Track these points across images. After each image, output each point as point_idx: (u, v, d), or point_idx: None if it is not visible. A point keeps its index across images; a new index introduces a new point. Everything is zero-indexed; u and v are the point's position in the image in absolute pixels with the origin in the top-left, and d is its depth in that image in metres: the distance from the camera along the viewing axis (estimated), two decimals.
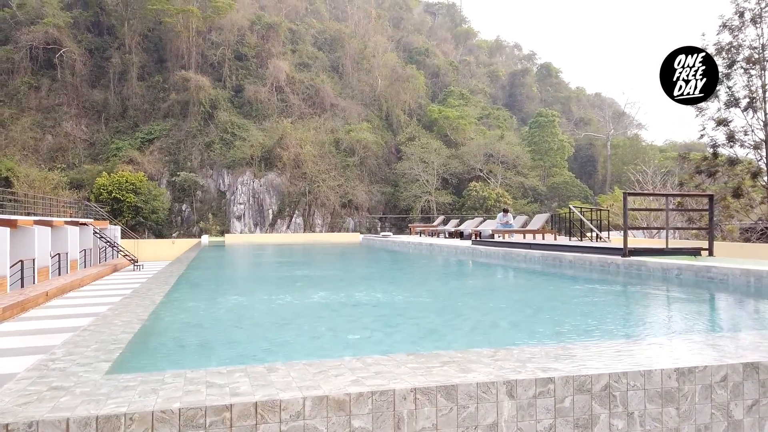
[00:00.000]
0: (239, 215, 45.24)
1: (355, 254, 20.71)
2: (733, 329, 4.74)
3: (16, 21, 47.52)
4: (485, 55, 79.39)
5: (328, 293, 8.13)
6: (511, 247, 12.84)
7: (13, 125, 44.02)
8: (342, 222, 46.82)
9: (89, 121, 47.86)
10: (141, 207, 40.42)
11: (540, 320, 5.30)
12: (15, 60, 46.18)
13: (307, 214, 46.59)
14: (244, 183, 46.00)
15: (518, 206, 48.41)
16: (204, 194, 46.13)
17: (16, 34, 46.51)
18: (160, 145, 47.20)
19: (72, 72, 47.55)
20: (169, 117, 48.85)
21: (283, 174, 46.79)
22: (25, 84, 46.21)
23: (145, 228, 41.67)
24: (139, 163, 44.23)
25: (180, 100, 48.60)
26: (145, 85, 50.09)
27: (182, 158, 46.81)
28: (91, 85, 49.12)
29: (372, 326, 4.87)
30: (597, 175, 63.06)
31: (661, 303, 6.61)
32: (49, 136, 45.56)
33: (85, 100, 48.10)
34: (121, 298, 6.16)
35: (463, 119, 54.76)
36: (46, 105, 46.57)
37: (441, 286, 9.07)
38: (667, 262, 8.61)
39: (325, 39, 62.27)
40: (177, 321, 5.48)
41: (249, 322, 5.33)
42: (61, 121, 46.33)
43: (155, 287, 7.23)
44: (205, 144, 47.60)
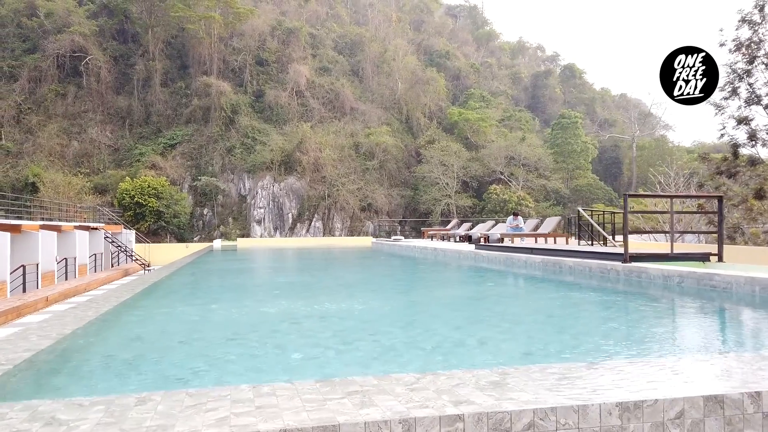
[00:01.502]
0: (259, 219, 45.50)
1: (356, 259, 20.53)
2: (716, 350, 4.35)
3: (43, 30, 48.72)
4: (507, 57, 78.58)
5: (301, 303, 7.89)
6: (512, 252, 12.49)
7: (41, 132, 45.11)
8: (361, 226, 46.71)
9: (114, 127, 48.75)
10: (163, 211, 40.93)
11: (512, 337, 4.97)
12: (42, 68, 47.34)
13: (327, 218, 46.62)
14: (264, 187, 46.28)
15: (540, 209, 47.65)
16: (225, 198, 46.53)
17: (44, 42, 47.68)
18: (182, 150, 47.81)
19: (97, 79, 48.55)
20: (191, 122, 49.47)
21: (303, 178, 46.93)
22: (52, 91, 47.32)
23: (166, 232, 42.20)
24: (162, 168, 44.85)
25: (202, 105, 49.20)
26: (168, 91, 50.85)
27: (204, 163, 47.34)
28: (116, 91, 50.05)
29: (327, 343, 4.61)
30: (622, 177, 61.73)
31: (650, 316, 6.19)
32: (75, 142, 46.53)
33: (109, 107, 49.02)
34: (69, 307, 6.10)
35: (484, 121, 54.20)
36: (72, 112, 47.59)
37: (424, 295, 8.76)
38: (669, 268, 8.18)
39: (345, 43, 62.40)
40: (112, 335, 5.27)
41: (197, 336, 5.16)
42: (86, 127, 47.27)
43: (115, 296, 7.14)
44: (226, 149, 48.06)
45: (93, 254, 21.00)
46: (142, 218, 40.43)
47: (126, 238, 27.34)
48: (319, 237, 44.40)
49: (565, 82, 75.30)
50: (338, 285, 11.08)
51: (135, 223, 40.30)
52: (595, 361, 3.49)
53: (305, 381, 2.77)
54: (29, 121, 45.49)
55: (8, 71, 47.07)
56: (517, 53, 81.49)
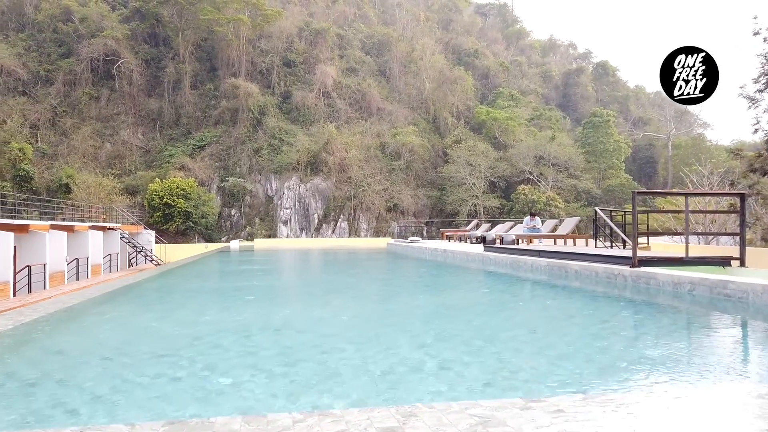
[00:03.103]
0: (285, 220, 45.73)
1: (361, 261, 20.22)
2: (709, 381, 3.85)
3: (78, 35, 49.99)
4: (538, 55, 77.28)
5: (267, 311, 7.58)
6: (519, 254, 12.06)
7: (75, 134, 46.30)
8: (387, 227, 46.50)
9: (145, 129, 49.70)
10: (191, 212, 41.43)
11: (480, 360, 4.42)
12: (77, 72, 48.60)
13: (352, 219, 46.56)
14: (290, 188, 46.50)
15: (570, 210, 46.56)
16: (252, 199, 46.91)
17: (78, 47, 48.93)
18: (211, 151, 48.42)
19: (129, 82, 49.59)
20: (220, 124, 50.08)
21: (329, 178, 46.99)
22: (86, 94, 48.52)
23: (195, 232, 42.76)
24: (191, 169, 45.49)
25: (230, 107, 49.76)
26: (198, 94, 51.59)
27: (231, 164, 47.85)
28: (147, 94, 51.03)
29: (265, 364, 4.17)
30: (657, 177, 59.98)
31: (649, 333, 5.59)
32: (108, 144, 47.59)
33: (141, 109, 50.00)
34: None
35: (513, 120, 53.34)
36: (105, 114, 48.70)
37: (405, 303, 8.32)
38: (680, 274, 7.66)
39: (372, 43, 62.31)
40: (34, 346, 5.11)
41: (129, 350, 4.87)
42: (118, 129, 48.31)
43: (79, 297, 7.07)
44: (253, 150, 48.47)
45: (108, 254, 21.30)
46: (170, 219, 41.02)
47: (146, 238, 27.72)
48: (344, 237, 44.36)
49: (597, 80, 73.64)
50: (320, 290, 10.75)
51: (164, 223, 40.96)
52: (542, 397, 3.10)
53: (154, 422, 2.52)
54: (64, 123, 46.74)
55: (44, 75, 48.47)
56: (547, 51, 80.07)
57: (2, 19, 51.38)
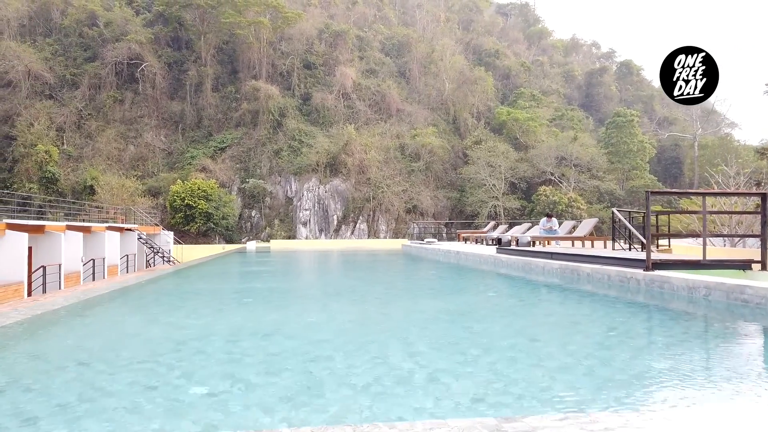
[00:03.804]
0: (305, 221, 45.88)
1: (372, 263, 20.03)
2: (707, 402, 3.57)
3: (103, 39, 50.88)
4: (560, 55, 76.32)
5: (261, 314, 7.43)
6: (531, 257, 11.81)
7: (99, 136, 47.12)
8: (406, 228, 46.33)
9: (167, 132, 50.34)
10: (212, 213, 41.81)
11: (473, 371, 4.04)
12: (102, 75, 49.48)
13: (372, 220, 46.51)
14: (309, 189, 46.64)
15: (593, 211, 45.80)
16: (272, 200, 47.18)
17: (103, 51, 49.80)
18: (232, 153, 48.84)
19: (152, 85, 50.30)
20: (241, 126, 50.50)
21: (348, 180, 47.01)
22: (111, 98, 49.34)
23: (215, 233, 43.14)
24: (212, 171, 45.92)
25: (251, 109, 50.13)
26: (219, 96, 52.08)
27: (252, 165, 48.19)
28: (170, 97, 51.69)
29: (246, 373, 3.91)
30: (683, 178, 58.71)
31: (657, 344, 5.32)
32: (131, 146, 48.34)
33: (163, 112, 50.68)
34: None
35: (534, 121, 52.74)
36: (128, 117, 49.46)
37: (406, 307, 8.02)
38: (695, 278, 7.36)
39: (392, 44, 62.24)
40: (17, 351, 5.06)
41: (108, 355, 4.76)
42: (142, 131, 49.03)
43: (73, 297, 7.06)
44: (273, 151, 48.76)
45: (125, 255, 21.58)
46: (192, 220, 41.46)
47: (164, 239, 28.02)
48: (363, 239, 44.34)
49: (621, 79, 72.46)
50: (321, 293, 10.61)
51: (185, 224, 41.43)
52: (518, 415, 2.90)
53: None
54: (89, 126, 47.60)
55: (70, 79, 49.45)
56: (570, 51, 79.05)
57: (30, 24, 52.55)
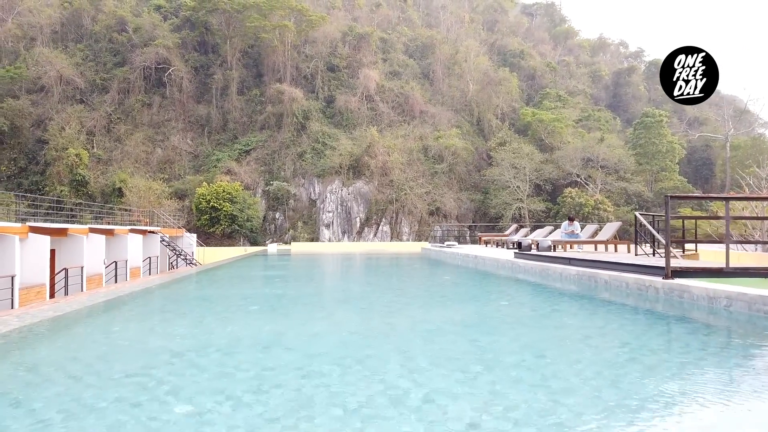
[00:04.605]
0: (328, 223, 46.00)
1: (389, 267, 19.81)
2: None
3: (131, 44, 51.90)
4: (587, 55, 75.17)
5: (263, 323, 7.27)
6: (549, 262, 11.55)
7: (128, 140, 48.04)
8: (429, 230, 46.09)
9: (194, 135, 51.07)
10: (237, 215, 42.23)
11: (472, 390, 3.80)
12: (130, 80, 50.47)
13: (394, 222, 46.41)
14: (332, 191, 46.77)
15: (620, 214, 44.90)
16: (296, 203, 47.43)
17: (131, 56, 50.79)
18: (256, 155, 49.28)
19: (179, 89, 51.09)
20: (265, 128, 50.94)
21: (371, 182, 47.00)
22: (139, 102, 50.29)
23: (240, 235, 43.55)
24: (237, 173, 46.41)
25: (275, 112, 50.54)
26: (244, 99, 52.64)
27: (276, 168, 48.55)
28: (196, 100, 52.44)
29: (235, 389, 3.77)
30: (714, 179, 57.20)
31: (666, 360, 5.07)
32: (159, 149, 49.14)
33: (190, 115, 51.43)
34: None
35: (559, 122, 51.97)
36: (156, 120, 50.33)
37: (413, 316, 7.75)
38: (716, 287, 7.05)
39: (416, 46, 62.09)
40: (12, 363, 5.04)
41: (100, 368, 4.67)
42: (169, 135, 49.83)
43: (75, 305, 7.08)
44: (297, 154, 49.05)
45: (147, 257, 21.90)
46: (217, 222, 41.94)
47: (186, 241, 28.37)
48: (385, 241, 44.28)
49: (650, 78, 70.90)
50: (329, 300, 10.46)
51: (210, 226, 41.94)
52: None
53: None
54: (118, 130, 48.57)
55: (100, 84, 50.55)
56: (597, 50, 77.78)
57: (62, 30, 53.89)
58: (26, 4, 53.95)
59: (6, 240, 13.58)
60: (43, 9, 53.49)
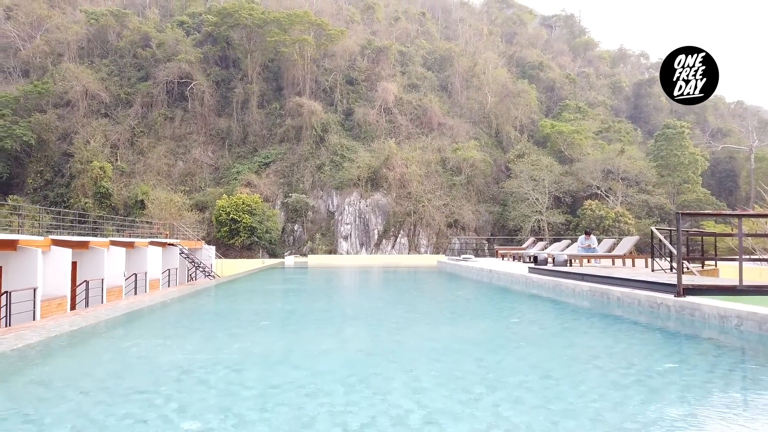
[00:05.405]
0: (346, 235, 46.17)
1: (403, 281, 19.74)
2: None
3: (155, 59, 53.03)
4: (607, 66, 74.68)
5: (273, 340, 7.19)
6: (562, 277, 11.47)
7: (151, 153, 48.93)
8: (447, 242, 45.99)
9: (214, 147, 51.83)
10: (256, 227, 42.62)
11: (473, 412, 3.88)
12: (153, 94, 51.49)
13: (412, 234, 46.40)
14: (351, 203, 46.97)
15: (641, 226, 44.29)
16: (314, 215, 47.73)
17: (155, 71, 51.88)
18: (276, 168, 49.79)
19: (201, 103, 51.97)
20: (285, 141, 51.47)
21: (389, 194, 47.12)
22: (162, 115, 51.24)
23: (259, 247, 43.92)
24: (256, 186, 46.92)
25: (294, 125, 51.09)
26: (264, 112, 53.33)
27: (295, 180, 48.96)
28: (217, 114, 53.27)
29: (239, 408, 3.60)
30: (738, 191, 56.19)
31: (672, 383, 4.96)
32: (180, 162, 49.94)
33: (211, 128, 52.23)
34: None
35: (579, 134, 51.63)
36: (178, 134, 51.20)
37: (421, 334, 7.66)
38: (727, 306, 6.96)
39: (434, 59, 62.36)
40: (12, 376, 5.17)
41: (107, 384, 4.73)
42: (190, 148, 50.64)
43: (91, 320, 7.23)
44: (316, 166, 49.43)
45: (167, 269, 22.24)
46: (236, 234, 42.36)
47: (205, 254, 28.72)
48: (402, 254, 44.27)
49: None
50: (340, 316, 10.35)
51: (230, 238, 42.38)
52: None
53: None
54: (141, 143, 49.50)
55: (125, 98, 51.66)
56: (617, 62, 77.24)
57: (89, 46, 55.28)
58: (54, 21, 55.58)
59: (29, 253, 13.95)
60: (71, 26, 55.00)
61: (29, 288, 13.45)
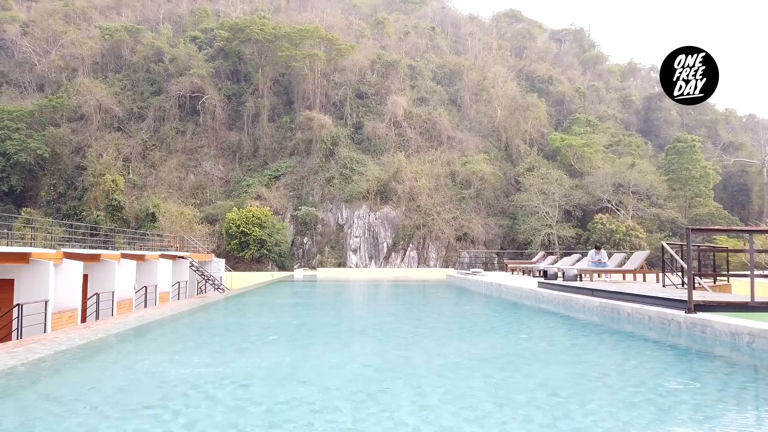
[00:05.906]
0: (355, 248, 46.18)
1: (411, 295, 19.66)
2: None
3: (167, 74, 53.74)
4: (617, 80, 74.66)
5: (281, 355, 7.16)
6: (572, 293, 11.39)
7: (162, 166, 49.41)
8: (457, 256, 45.85)
9: (225, 161, 52.25)
10: (265, 240, 42.77)
11: (481, 430, 4.08)
12: (166, 108, 52.13)
13: (422, 248, 46.33)
14: (360, 216, 47.04)
15: (653, 240, 43.96)
16: (324, 228, 47.84)
17: (167, 85, 52.56)
18: (286, 181, 50.06)
19: (212, 116, 52.51)
20: (295, 154, 51.80)
21: (398, 207, 47.15)
22: (173, 129, 51.81)
23: (268, 260, 44.04)
24: (266, 199, 47.16)
25: (304, 138, 51.44)
26: (275, 126, 53.76)
27: (305, 193, 49.17)
28: (228, 127, 53.78)
29: (246, 424, 3.59)
30: (751, 205, 55.71)
31: (682, 401, 4.88)
32: (192, 175, 50.38)
33: (222, 142, 52.70)
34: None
35: (589, 147, 51.51)
36: (189, 147, 51.70)
37: (429, 350, 7.56)
38: (737, 323, 6.89)
39: (444, 73, 62.67)
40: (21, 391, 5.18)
41: (116, 398, 4.76)
42: (201, 161, 51.10)
43: (101, 333, 7.22)
44: (325, 179, 49.65)
45: (177, 282, 22.35)
46: (246, 247, 42.53)
47: (215, 267, 28.82)
48: (412, 267, 44.17)
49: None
50: (348, 330, 10.27)
51: (240, 251, 42.55)
52: None
53: None
54: (153, 156, 50.03)
55: (137, 112, 52.34)
56: (627, 75, 77.20)
57: (102, 61, 56.17)
58: (69, 36, 56.56)
59: (41, 266, 14.10)
60: (85, 41, 55.93)
61: (41, 301, 13.58)
